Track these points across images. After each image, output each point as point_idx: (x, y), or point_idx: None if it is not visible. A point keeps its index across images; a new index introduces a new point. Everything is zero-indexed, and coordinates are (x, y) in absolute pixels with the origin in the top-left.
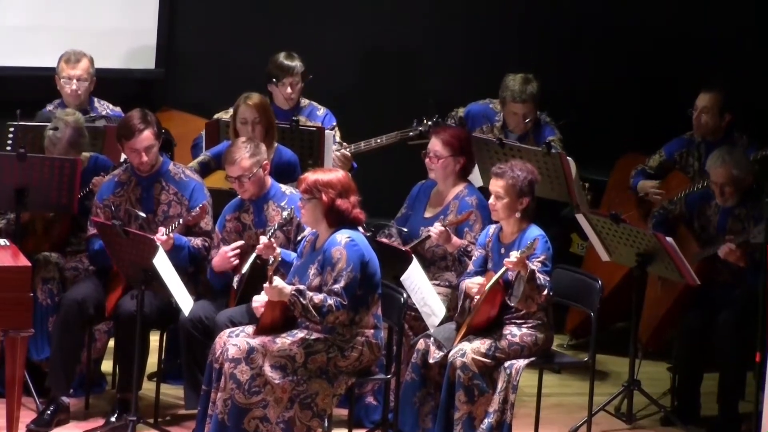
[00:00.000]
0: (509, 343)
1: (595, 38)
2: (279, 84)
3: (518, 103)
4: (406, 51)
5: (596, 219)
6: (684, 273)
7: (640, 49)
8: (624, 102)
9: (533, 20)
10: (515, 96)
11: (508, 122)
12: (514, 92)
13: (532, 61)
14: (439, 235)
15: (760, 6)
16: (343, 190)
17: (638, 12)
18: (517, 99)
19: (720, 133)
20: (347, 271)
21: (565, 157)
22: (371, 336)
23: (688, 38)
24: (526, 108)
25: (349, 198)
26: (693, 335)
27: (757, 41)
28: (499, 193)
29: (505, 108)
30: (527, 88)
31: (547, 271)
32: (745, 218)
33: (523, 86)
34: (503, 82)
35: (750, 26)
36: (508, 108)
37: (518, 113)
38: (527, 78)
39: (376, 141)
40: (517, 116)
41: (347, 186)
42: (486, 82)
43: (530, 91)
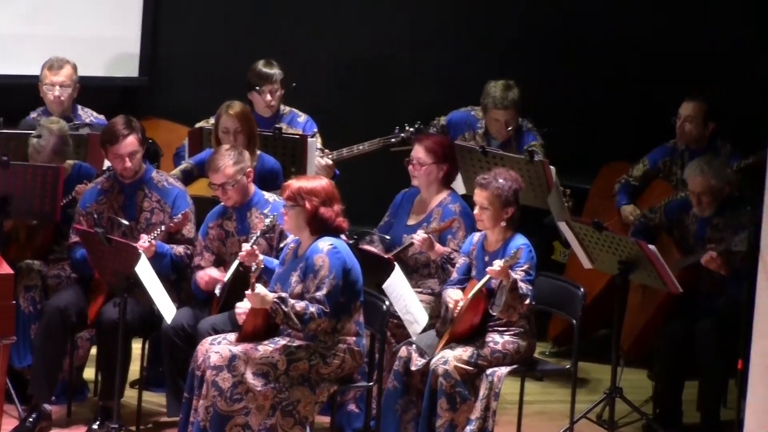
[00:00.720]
0: (491, 351)
1: (579, 47)
2: (259, 92)
3: (500, 110)
4: (388, 58)
5: (578, 227)
6: (666, 281)
7: (624, 58)
8: (608, 110)
9: (516, 28)
10: (497, 102)
11: (490, 129)
12: (495, 99)
13: (513, 69)
14: (422, 242)
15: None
16: (327, 198)
17: (623, 22)
18: (499, 105)
19: (703, 142)
20: (329, 279)
21: (547, 165)
22: (353, 343)
23: (672, 47)
24: (508, 114)
25: (333, 206)
26: (675, 343)
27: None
28: (484, 204)
29: (486, 115)
30: (508, 95)
31: (530, 280)
32: (723, 228)
33: (505, 93)
34: (484, 89)
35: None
36: (490, 115)
37: (500, 120)
38: (508, 84)
39: (359, 148)
40: (498, 123)
41: (331, 194)
42: (468, 90)
43: (511, 97)
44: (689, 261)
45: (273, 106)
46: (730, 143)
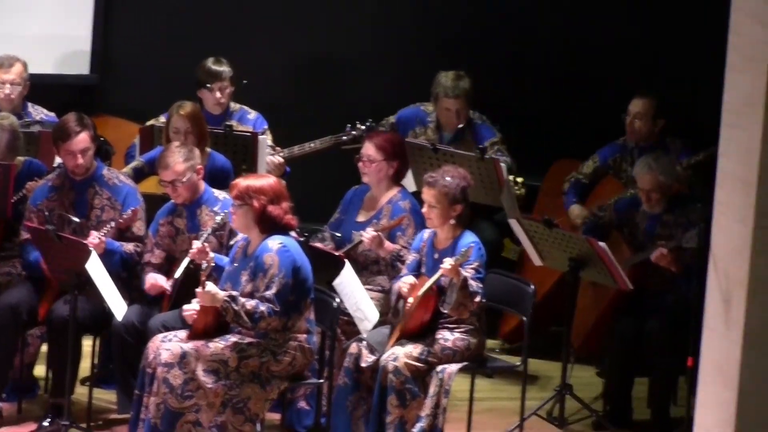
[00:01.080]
0: (442, 348)
1: (530, 44)
2: (209, 89)
3: (450, 98)
4: (340, 56)
5: (529, 224)
6: (616, 278)
7: (572, 55)
8: (557, 107)
9: (466, 26)
10: (447, 91)
11: (441, 119)
12: (446, 88)
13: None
14: (371, 240)
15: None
16: (275, 197)
17: (573, 18)
18: (450, 94)
19: (653, 139)
20: (279, 278)
21: (498, 163)
22: (304, 341)
23: (621, 44)
24: (459, 103)
25: (281, 204)
26: (625, 340)
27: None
28: (432, 201)
29: (437, 105)
30: (459, 84)
31: (480, 278)
32: (672, 225)
33: (455, 82)
34: (435, 79)
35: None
36: (441, 104)
37: (451, 109)
38: (459, 74)
39: (310, 145)
40: (450, 112)
41: (279, 192)
42: (419, 88)
43: (462, 86)
44: (639, 258)
45: (223, 104)
46: (680, 140)
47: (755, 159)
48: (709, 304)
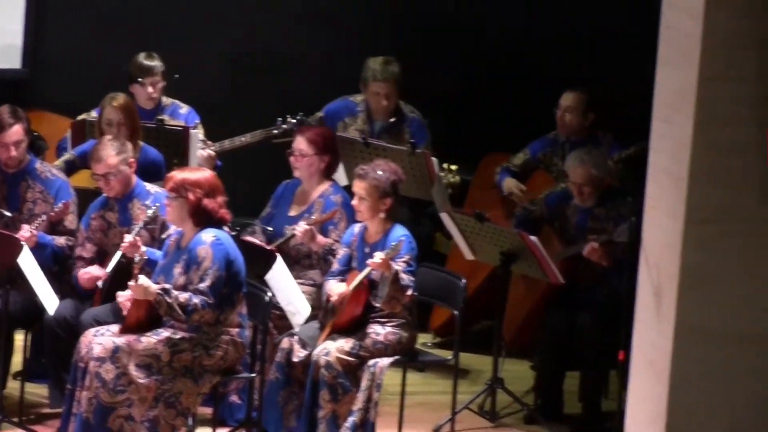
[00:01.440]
0: (373, 342)
1: (459, 39)
2: (141, 84)
3: (380, 82)
4: (271, 50)
5: (460, 217)
6: (548, 272)
7: (504, 49)
8: (488, 101)
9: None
10: (376, 74)
11: (372, 105)
12: (375, 71)
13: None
14: (303, 233)
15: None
16: (210, 190)
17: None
18: (379, 77)
19: (584, 133)
20: (213, 270)
21: (429, 157)
22: (236, 335)
23: (553, 38)
24: (389, 87)
25: (216, 198)
26: (556, 334)
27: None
28: (362, 194)
29: (367, 90)
30: (388, 68)
31: (412, 271)
32: (604, 218)
33: (385, 66)
34: (365, 64)
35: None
36: (370, 88)
37: (380, 93)
38: (388, 59)
39: (240, 139)
40: (379, 96)
41: (214, 186)
42: (350, 81)
43: (392, 70)
44: (571, 252)
45: (155, 99)
46: (612, 134)
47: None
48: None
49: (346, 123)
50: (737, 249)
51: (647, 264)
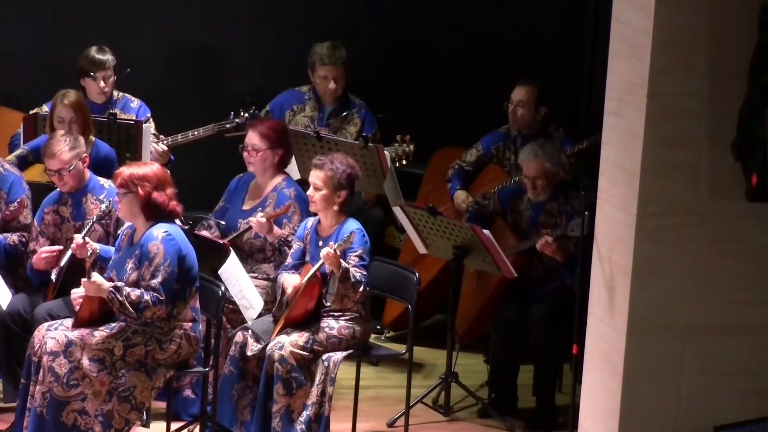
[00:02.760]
0: (327, 336)
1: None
2: (92, 78)
3: (327, 65)
4: (223, 43)
5: (413, 211)
6: (501, 266)
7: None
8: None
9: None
10: (324, 58)
11: (320, 90)
12: (322, 55)
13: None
14: (260, 225)
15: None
16: (159, 183)
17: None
18: (326, 61)
19: (535, 127)
20: (164, 266)
21: (382, 150)
22: (189, 329)
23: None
24: (336, 71)
25: (166, 191)
26: (508, 328)
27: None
28: (318, 184)
29: (314, 75)
30: (336, 52)
31: (364, 265)
32: (557, 213)
33: (332, 50)
34: (311, 50)
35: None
36: (318, 73)
37: (328, 77)
38: (335, 44)
39: (193, 133)
40: (327, 80)
41: (163, 179)
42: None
43: (339, 54)
44: (524, 246)
45: (106, 93)
46: (563, 128)
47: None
48: (593, 291)
49: (295, 111)
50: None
51: (600, 258)
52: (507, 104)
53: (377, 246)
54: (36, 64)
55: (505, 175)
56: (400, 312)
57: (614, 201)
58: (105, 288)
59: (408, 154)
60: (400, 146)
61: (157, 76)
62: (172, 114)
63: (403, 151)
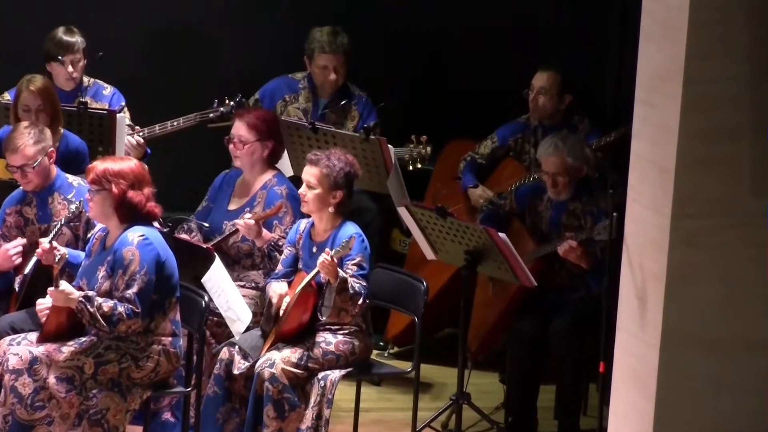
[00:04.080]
0: (323, 352)
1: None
2: (60, 62)
3: (328, 54)
4: (206, 25)
5: (420, 212)
6: (519, 273)
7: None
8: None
9: None
10: (324, 46)
11: (318, 80)
12: (322, 42)
13: None
14: (248, 228)
15: None
16: (136, 181)
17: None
18: (327, 49)
19: (559, 117)
20: (141, 275)
21: (385, 144)
22: (169, 344)
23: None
24: (337, 60)
25: (143, 190)
26: (527, 343)
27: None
28: (311, 182)
29: (312, 63)
30: (337, 39)
31: (364, 275)
32: (580, 214)
33: (333, 36)
34: (309, 35)
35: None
36: (317, 62)
37: (328, 66)
38: (336, 29)
39: (173, 124)
40: (327, 71)
41: (140, 176)
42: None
43: (341, 41)
44: (544, 251)
45: (75, 78)
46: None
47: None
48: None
49: (287, 101)
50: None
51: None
52: (527, 91)
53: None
54: None
55: (524, 170)
56: (406, 325)
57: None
58: (74, 297)
59: (424, 156)
60: (415, 147)
61: (133, 61)
62: (149, 103)
63: (419, 153)
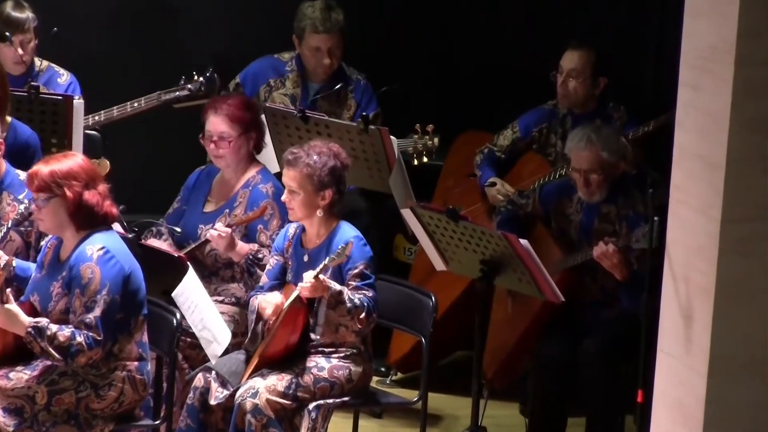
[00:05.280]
0: (315, 379)
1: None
2: (6, 43)
3: (321, 34)
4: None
5: (428, 215)
6: (543, 286)
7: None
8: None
9: None
10: (317, 24)
11: (309, 64)
12: (315, 20)
13: None
14: (219, 239)
15: None
16: (89, 179)
17: None
18: (320, 28)
19: (592, 104)
20: (103, 295)
21: (386, 134)
22: (134, 370)
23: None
24: (332, 40)
25: (97, 187)
26: (553, 368)
27: None
28: (293, 186)
29: (302, 44)
30: (332, 15)
31: (370, 284)
32: (616, 218)
33: (327, 13)
34: (298, 12)
35: None
36: (308, 42)
37: (321, 48)
38: (329, 4)
39: (132, 105)
40: (319, 53)
41: (92, 173)
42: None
43: (335, 18)
44: (573, 261)
45: (26, 61)
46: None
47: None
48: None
49: (272, 86)
50: None
51: (673, 276)
52: (555, 74)
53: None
54: None
55: (549, 166)
56: (411, 347)
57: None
58: (22, 323)
59: (431, 149)
60: (421, 139)
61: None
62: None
63: (424, 145)
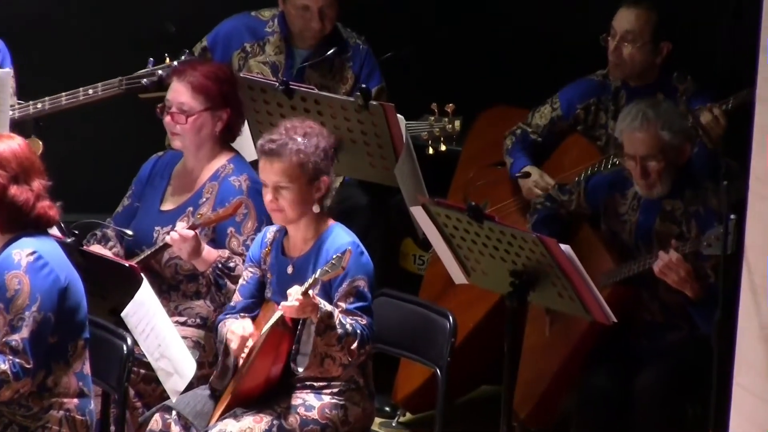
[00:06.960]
0: (302, 421)
1: None
2: None
3: None
4: None
5: (445, 214)
6: (590, 304)
7: None
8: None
9: None
10: None
11: (295, 26)
12: None
13: None
14: (181, 242)
15: None
16: (21, 171)
17: None
18: None
19: (653, 74)
20: (32, 312)
21: (391, 111)
22: (74, 408)
23: None
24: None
25: (31, 182)
26: (603, 404)
27: None
28: (281, 182)
29: (287, 3)
30: None
31: (365, 307)
32: (682, 217)
33: None
34: None
35: None
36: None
37: (310, 6)
38: None
39: (87, 93)
40: (308, 13)
41: (27, 163)
42: None
43: None
44: (629, 271)
45: None
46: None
47: None
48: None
49: (247, 51)
50: None
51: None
52: (605, 37)
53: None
54: None
55: (598, 153)
56: (423, 381)
57: None
58: None
59: (450, 134)
60: (438, 122)
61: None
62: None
63: (443, 129)
